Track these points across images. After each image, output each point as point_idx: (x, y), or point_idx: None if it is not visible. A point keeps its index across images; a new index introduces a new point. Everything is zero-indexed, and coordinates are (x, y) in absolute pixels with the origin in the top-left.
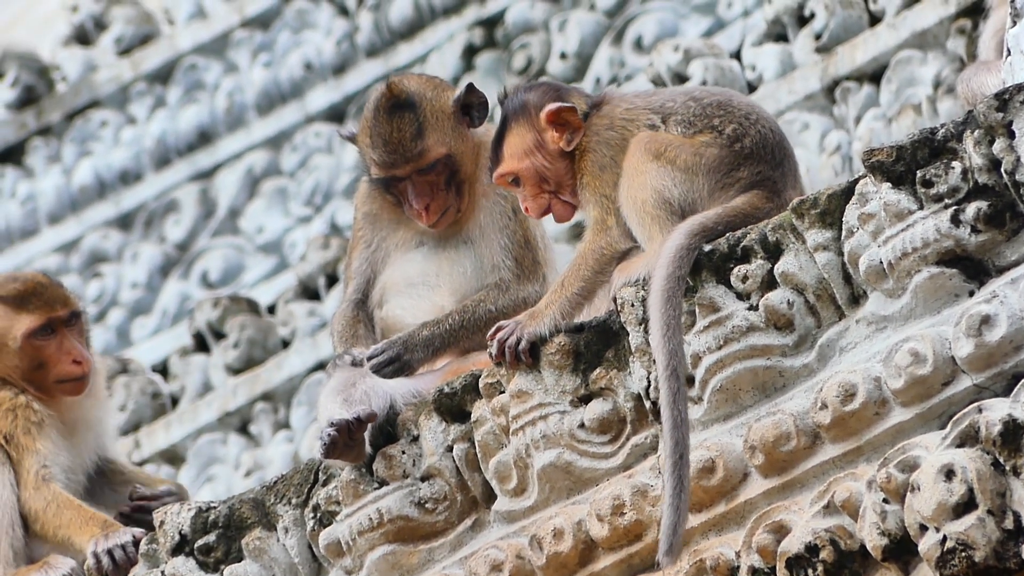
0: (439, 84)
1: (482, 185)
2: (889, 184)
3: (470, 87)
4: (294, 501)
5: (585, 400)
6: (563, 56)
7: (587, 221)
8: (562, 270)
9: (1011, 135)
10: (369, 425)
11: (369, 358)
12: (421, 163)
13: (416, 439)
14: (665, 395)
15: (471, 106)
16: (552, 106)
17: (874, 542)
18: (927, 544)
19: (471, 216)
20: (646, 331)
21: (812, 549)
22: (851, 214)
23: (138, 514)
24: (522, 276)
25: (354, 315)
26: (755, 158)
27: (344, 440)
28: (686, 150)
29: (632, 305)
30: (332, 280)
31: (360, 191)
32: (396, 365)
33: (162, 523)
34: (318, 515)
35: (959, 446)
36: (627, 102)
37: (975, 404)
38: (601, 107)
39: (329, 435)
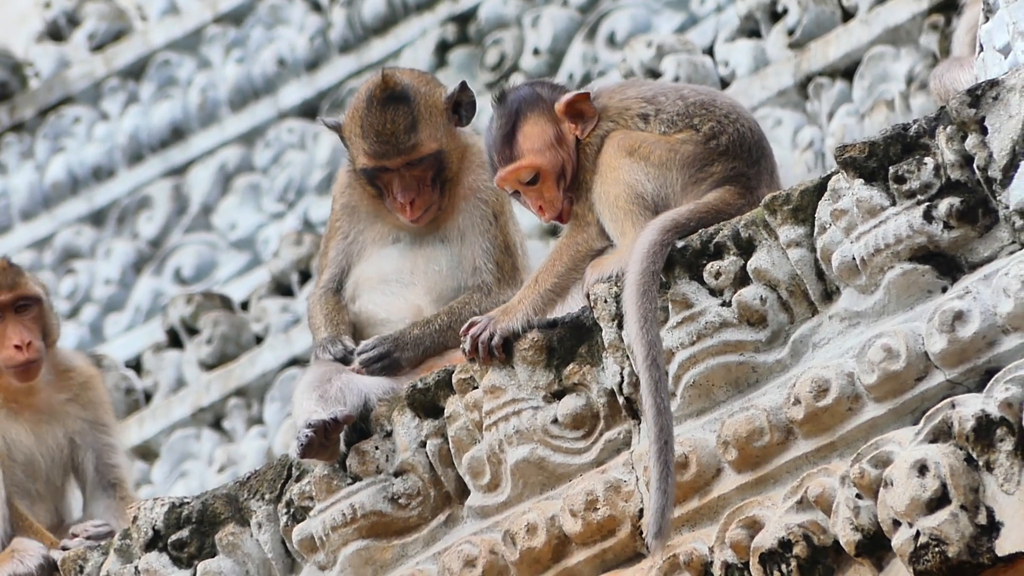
0: (431, 80)
1: (464, 186)
2: (862, 180)
3: (463, 85)
4: (267, 497)
5: (558, 396)
6: (536, 52)
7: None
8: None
9: (983, 131)
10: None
11: (359, 353)
12: (412, 156)
13: (389, 435)
14: (647, 384)
15: (460, 104)
16: (568, 95)
17: (847, 537)
18: (900, 539)
19: (450, 216)
20: (619, 327)
21: (785, 544)
22: (824, 210)
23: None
24: (503, 281)
25: (336, 301)
26: (730, 155)
27: (320, 440)
28: (661, 146)
29: (605, 301)
30: (305, 276)
31: (339, 181)
32: (386, 362)
33: (135, 518)
34: (291, 510)
35: (932, 441)
36: (620, 93)
37: (948, 399)
38: (596, 100)
39: (306, 435)
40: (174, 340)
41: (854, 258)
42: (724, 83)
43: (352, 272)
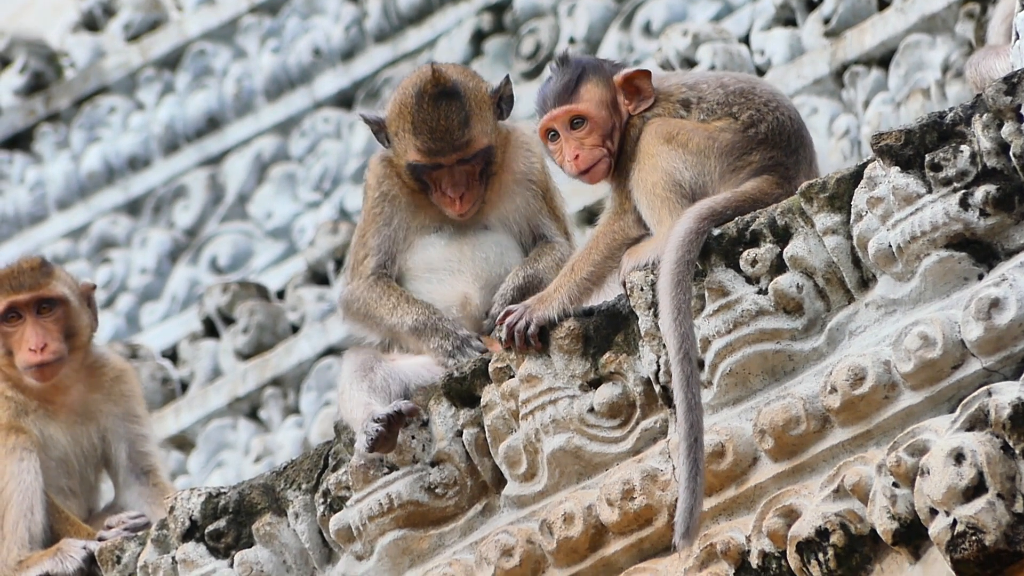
0: (474, 75)
1: (511, 172)
2: (898, 168)
3: (507, 79)
4: (304, 486)
5: (594, 384)
6: (572, 41)
7: (607, 202)
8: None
9: (1019, 119)
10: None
11: (503, 318)
12: (466, 153)
13: (426, 424)
14: (678, 378)
15: (502, 98)
16: (630, 70)
17: (884, 526)
18: (937, 528)
19: (493, 204)
20: (655, 315)
21: (823, 533)
22: (860, 198)
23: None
24: (567, 241)
25: (392, 283)
26: (769, 144)
27: (386, 433)
28: (699, 134)
29: (641, 289)
30: (341, 265)
31: (374, 171)
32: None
33: (172, 509)
34: (328, 500)
35: (969, 430)
36: (664, 80)
37: (984, 387)
38: None
39: (376, 430)
40: (210, 329)
41: (890, 245)
42: (760, 72)
43: (396, 260)
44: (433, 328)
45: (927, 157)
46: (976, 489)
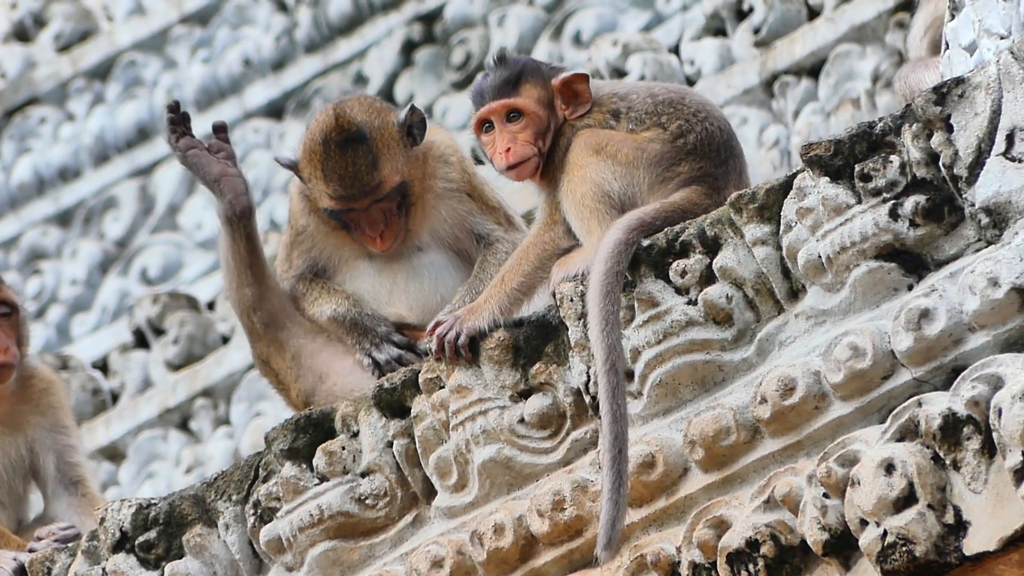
0: (380, 108)
1: (431, 190)
2: (827, 178)
3: (412, 108)
4: (235, 498)
5: (525, 395)
6: (494, 56)
7: (537, 213)
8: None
9: (949, 129)
10: None
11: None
12: (378, 194)
13: (356, 435)
14: (604, 390)
15: (412, 126)
16: (567, 73)
17: (815, 537)
18: (868, 539)
19: (421, 223)
20: (585, 326)
21: (753, 544)
22: (789, 208)
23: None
24: (507, 229)
25: (315, 278)
26: (698, 154)
27: None
28: (628, 145)
29: (571, 300)
30: None
31: (295, 202)
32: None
33: (103, 520)
34: (259, 511)
35: (899, 440)
36: (596, 90)
37: (915, 398)
38: None
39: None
40: (140, 340)
41: (820, 256)
42: (690, 81)
43: (323, 277)
44: (352, 321)
45: (857, 167)
46: (906, 500)
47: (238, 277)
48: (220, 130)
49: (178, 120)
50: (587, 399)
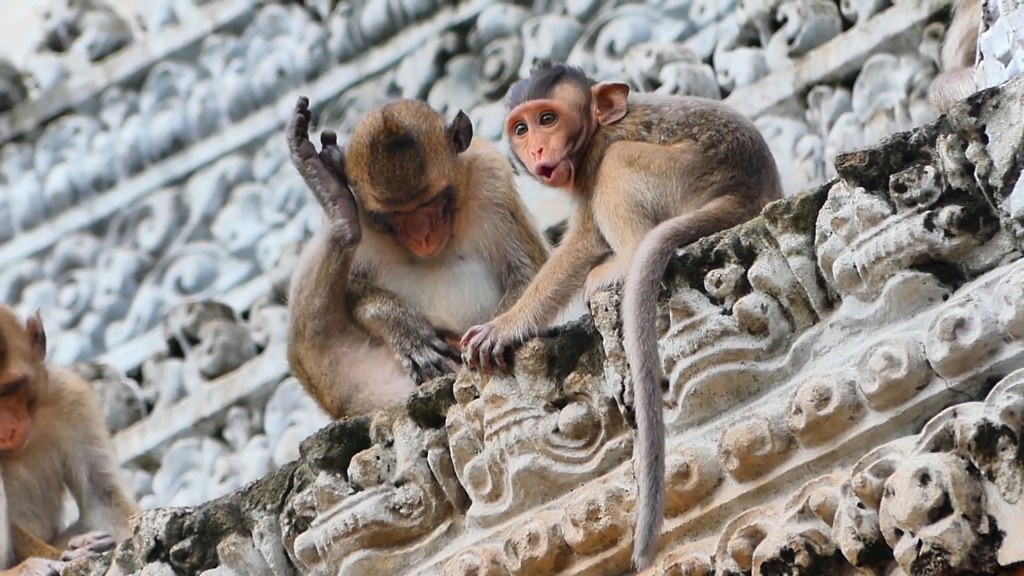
0: (428, 113)
1: (477, 199)
2: (862, 189)
3: (460, 114)
4: (269, 507)
5: (559, 405)
6: (535, 61)
7: (570, 221)
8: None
9: (984, 139)
10: None
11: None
12: (425, 198)
13: (391, 444)
14: (640, 397)
15: (459, 131)
16: (609, 82)
17: (849, 547)
18: (902, 549)
19: (464, 232)
20: (620, 335)
21: (787, 554)
22: (824, 218)
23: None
24: (539, 264)
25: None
26: (729, 164)
27: None
28: (660, 155)
29: (606, 309)
30: None
31: None
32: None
33: (137, 529)
34: (293, 520)
35: (934, 450)
36: (629, 99)
37: (950, 408)
38: None
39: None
40: (175, 350)
41: (855, 266)
42: (724, 92)
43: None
44: (395, 321)
45: (892, 178)
46: (941, 510)
47: (316, 288)
48: (330, 140)
49: (304, 121)
50: (622, 409)
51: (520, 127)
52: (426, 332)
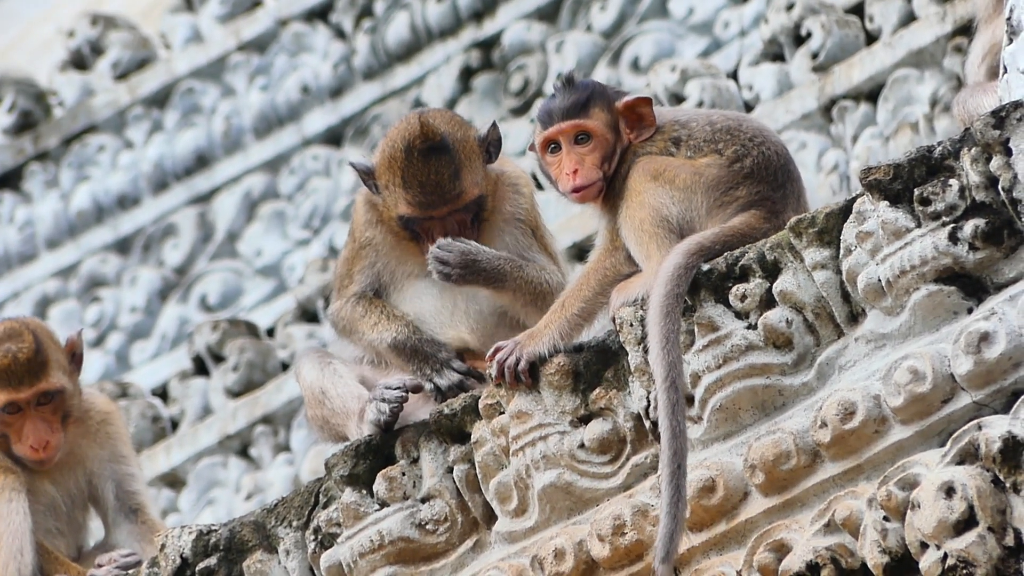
0: (462, 122)
1: (501, 213)
2: (887, 202)
3: (493, 125)
4: (295, 523)
5: (585, 420)
6: (560, 76)
7: (598, 239)
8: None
9: (1008, 152)
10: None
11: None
12: (457, 204)
13: (416, 460)
14: (663, 406)
15: (490, 143)
16: (631, 97)
17: (875, 560)
18: (928, 562)
19: (486, 245)
20: (645, 351)
21: (813, 567)
22: (849, 232)
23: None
24: (557, 282)
25: (375, 300)
26: (755, 178)
27: (392, 421)
28: (685, 170)
29: (631, 324)
30: (330, 303)
31: (360, 213)
32: (456, 271)
33: (163, 546)
34: (319, 537)
35: (959, 463)
36: (659, 114)
37: (975, 421)
38: None
39: (398, 396)
40: (200, 367)
41: (880, 280)
42: (748, 107)
43: (383, 295)
44: (413, 348)
45: (916, 191)
46: (967, 523)
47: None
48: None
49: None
50: (647, 424)
51: (553, 146)
52: (444, 355)
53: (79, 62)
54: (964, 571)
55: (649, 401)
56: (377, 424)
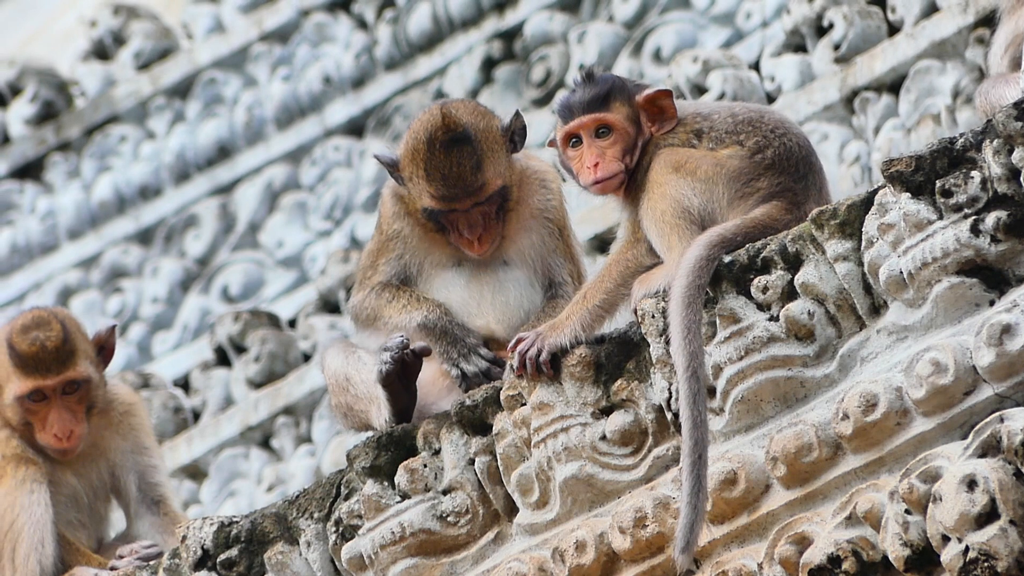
0: (484, 112)
1: (528, 207)
2: (908, 194)
3: (517, 114)
4: (316, 515)
5: (606, 412)
6: (582, 68)
7: (620, 231)
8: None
9: None
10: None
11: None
12: (481, 196)
13: (438, 452)
14: (684, 396)
15: (514, 132)
16: (651, 90)
17: (896, 553)
18: (949, 555)
19: (511, 239)
20: (667, 342)
21: (834, 560)
22: (871, 224)
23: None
24: (576, 286)
25: (400, 286)
26: (776, 169)
27: (398, 370)
28: (707, 161)
29: (652, 316)
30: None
31: (387, 206)
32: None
33: (184, 538)
34: (340, 529)
35: (981, 456)
36: (682, 106)
37: (997, 413)
38: None
39: (399, 344)
40: (222, 358)
41: (901, 272)
42: (770, 98)
43: (410, 285)
44: (442, 330)
45: (938, 183)
46: (988, 516)
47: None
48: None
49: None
50: (669, 416)
51: (574, 140)
52: (472, 341)
53: (101, 52)
54: (986, 564)
55: (671, 392)
56: (380, 374)
